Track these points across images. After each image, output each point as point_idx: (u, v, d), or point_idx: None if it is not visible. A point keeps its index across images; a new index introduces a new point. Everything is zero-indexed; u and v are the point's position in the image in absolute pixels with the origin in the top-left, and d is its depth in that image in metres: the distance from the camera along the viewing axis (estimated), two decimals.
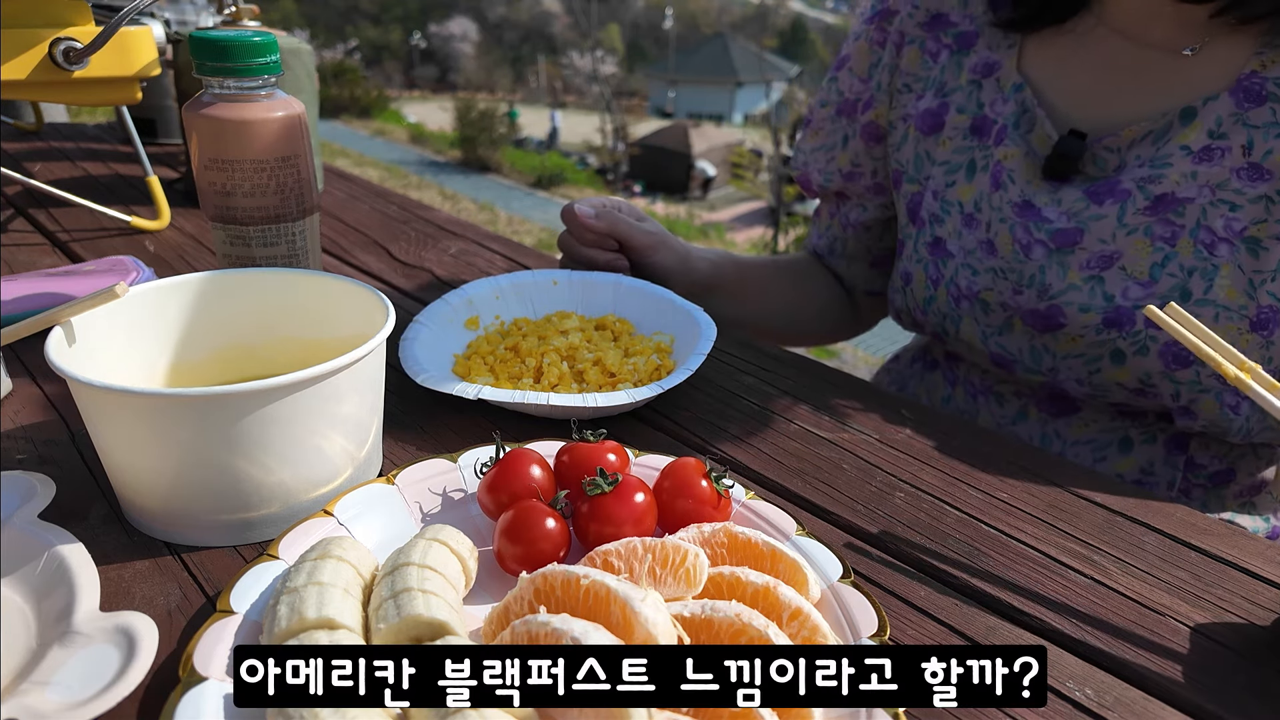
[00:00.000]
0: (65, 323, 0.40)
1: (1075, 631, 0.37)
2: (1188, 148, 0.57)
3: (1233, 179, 0.56)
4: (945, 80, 0.69)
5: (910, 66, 0.72)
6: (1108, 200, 0.59)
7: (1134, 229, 0.58)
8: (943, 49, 0.70)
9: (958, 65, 0.69)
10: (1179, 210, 0.57)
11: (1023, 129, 0.64)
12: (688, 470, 0.40)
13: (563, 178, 16.48)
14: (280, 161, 0.54)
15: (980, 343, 0.67)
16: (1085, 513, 0.46)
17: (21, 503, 0.37)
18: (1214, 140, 0.56)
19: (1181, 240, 0.57)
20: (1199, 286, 0.57)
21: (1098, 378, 0.62)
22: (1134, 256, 0.58)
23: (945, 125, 0.69)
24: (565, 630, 0.28)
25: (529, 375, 0.55)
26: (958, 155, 0.68)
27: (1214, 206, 0.56)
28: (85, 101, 0.73)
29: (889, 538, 0.43)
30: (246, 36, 0.52)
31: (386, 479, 0.42)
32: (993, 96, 0.66)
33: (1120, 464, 0.65)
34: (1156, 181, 0.58)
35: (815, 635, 0.32)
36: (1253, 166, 0.55)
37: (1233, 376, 0.38)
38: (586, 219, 0.67)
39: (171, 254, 0.77)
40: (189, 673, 0.30)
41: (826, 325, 0.86)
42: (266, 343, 0.49)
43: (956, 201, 0.67)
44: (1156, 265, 0.58)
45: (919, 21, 0.71)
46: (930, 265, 0.69)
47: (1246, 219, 0.55)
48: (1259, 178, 0.55)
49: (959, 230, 0.67)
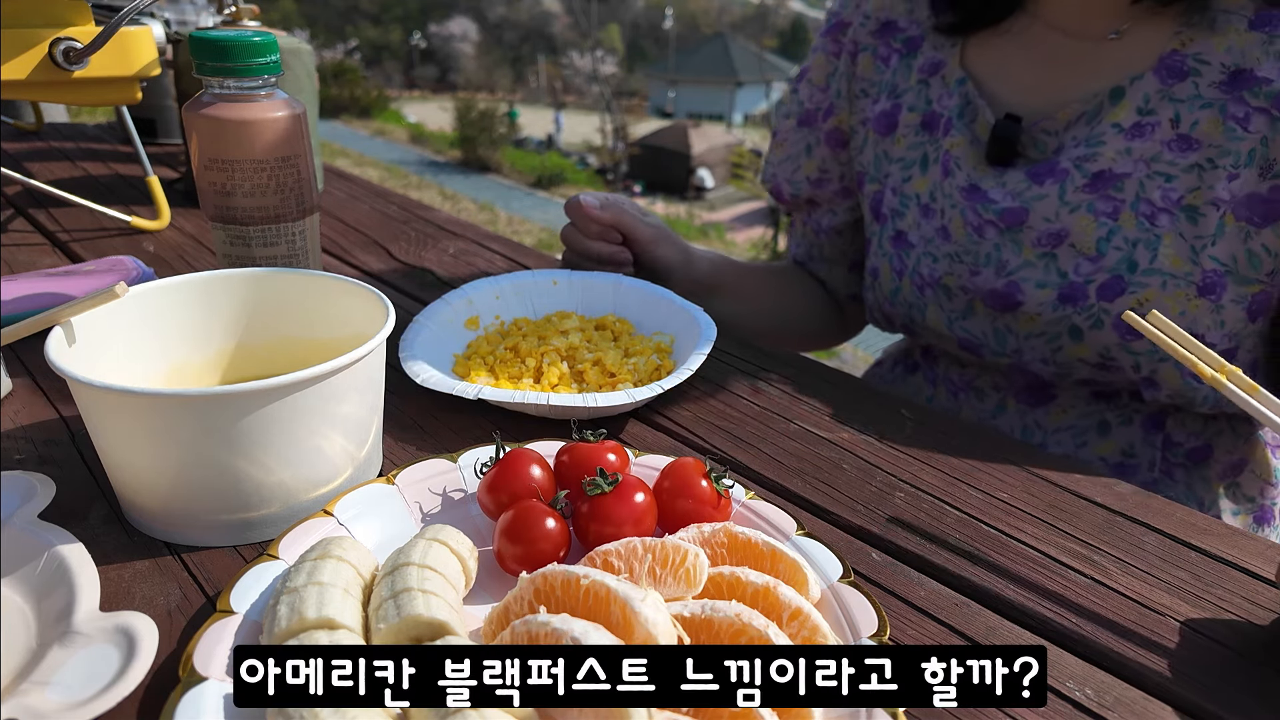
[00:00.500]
0: (65, 323, 0.40)
1: (1075, 631, 0.37)
2: (1119, 125, 0.60)
3: (1165, 151, 0.59)
4: (897, 83, 0.73)
5: (865, 73, 0.76)
6: (1048, 180, 0.62)
7: (1076, 206, 0.61)
8: (893, 53, 0.74)
9: (907, 68, 0.73)
10: (1118, 185, 0.60)
11: (966, 119, 0.67)
12: (688, 470, 0.40)
13: (563, 178, 16.48)
14: (280, 161, 0.54)
15: (946, 329, 0.69)
16: (1085, 513, 0.46)
17: (21, 503, 0.37)
18: (1143, 116, 0.59)
19: (1124, 214, 0.60)
20: (1144, 257, 0.59)
21: (1060, 355, 0.64)
22: (1080, 233, 0.61)
23: (899, 124, 0.73)
24: (565, 630, 0.28)
25: (529, 375, 0.55)
26: (911, 151, 0.72)
27: (1150, 179, 0.59)
28: (85, 101, 0.73)
29: (889, 538, 0.43)
30: (246, 36, 0.52)
31: (386, 479, 0.42)
32: (939, 92, 0.70)
33: (1100, 447, 0.67)
34: (1092, 159, 0.61)
35: (815, 635, 0.32)
36: (1181, 138, 0.58)
37: (1209, 377, 0.39)
38: (591, 210, 0.68)
39: (171, 254, 0.77)
40: (189, 673, 0.30)
41: (815, 329, 0.89)
42: (266, 343, 0.49)
43: (914, 194, 0.71)
44: (1102, 240, 0.60)
45: (870, 30, 0.75)
46: (894, 258, 0.72)
47: (1182, 188, 0.58)
48: (1188, 148, 0.58)
49: (918, 221, 0.70)
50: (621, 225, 0.69)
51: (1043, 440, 0.68)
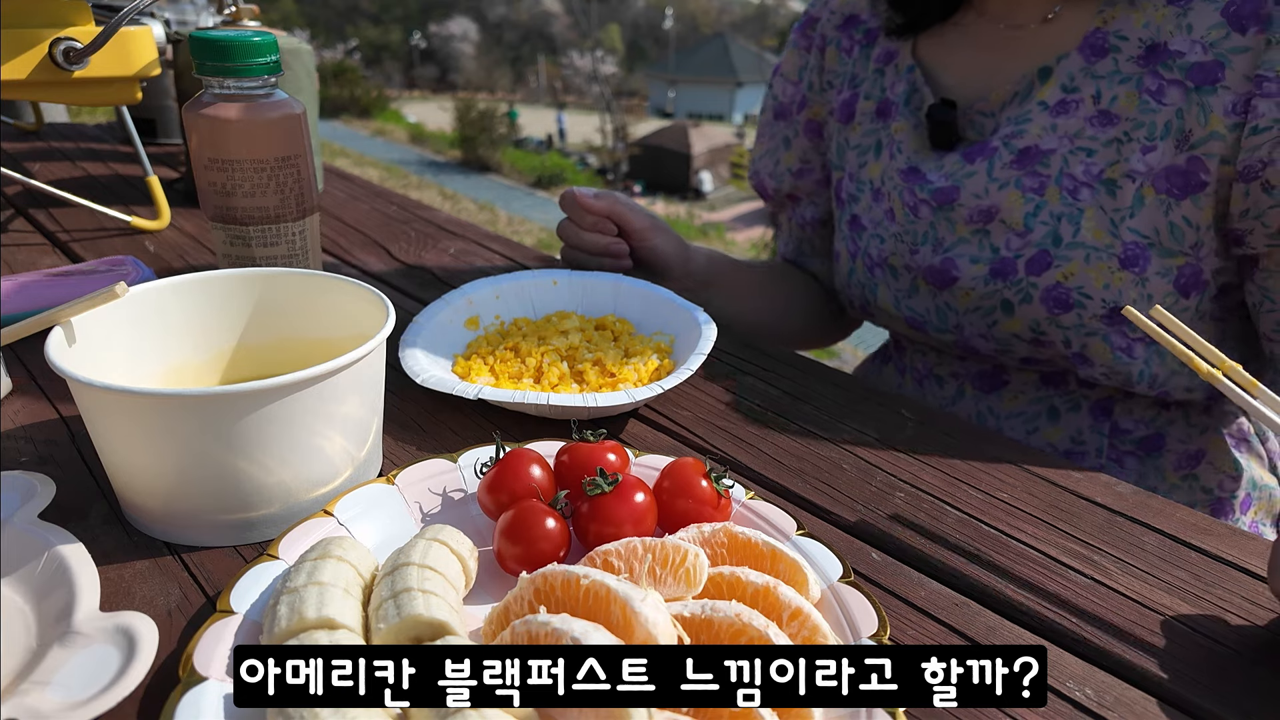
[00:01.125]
0: (65, 323, 0.40)
1: (1075, 631, 0.37)
2: (1044, 103, 0.62)
3: (1087, 127, 0.60)
4: (856, 72, 0.77)
5: (831, 65, 0.79)
6: (978, 159, 0.64)
7: (1005, 183, 0.63)
8: (854, 45, 0.77)
9: (866, 58, 0.76)
10: (1044, 161, 0.62)
11: (912, 105, 0.71)
12: (688, 470, 0.40)
13: (563, 178, 16.48)
14: (280, 161, 0.54)
15: (894, 308, 0.72)
16: (1085, 513, 0.46)
17: (21, 503, 0.37)
18: (1067, 94, 0.61)
19: (1049, 189, 0.61)
20: (1068, 231, 0.61)
21: (996, 330, 0.65)
22: (1009, 209, 0.63)
23: (856, 113, 0.76)
24: (565, 630, 0.28)
25: (529, 375, 0.55)
26: (866, 138, 0.75)
27: (1073, 155, 0.61)
28: (85, 101, 0.73)
29: (889, 538, 0.43)
30: (246, 36, 0.52)
31: (386, 479, 0.42)
32: (892, 80, 0.73)
33: (1050, 433, 0.69)
34: (1019, 136, 0.63)
35: (815, 635, 0.32)
36: (1102, 114, 0.60)
37: (1205, 372, 0.38)
38: (586, 200, 0.68)
39: (171, 254, 0.77)
40: (189, 673, 0.30)
41: (816, 325, 0.90)
42: (266, 343, 0.49)
43: (868, 180, 0.74)
44: (1030, 215, 0.62)
45: (835, 24, 0.79)
46: (849, 240, 0.76)
47: (1102, 162, 0.60)
48: (1109, 123, 0.60)
49: (870, 204, 0.73)
50: (616, 215, 0.70)
51: (997, 425, 0.71)
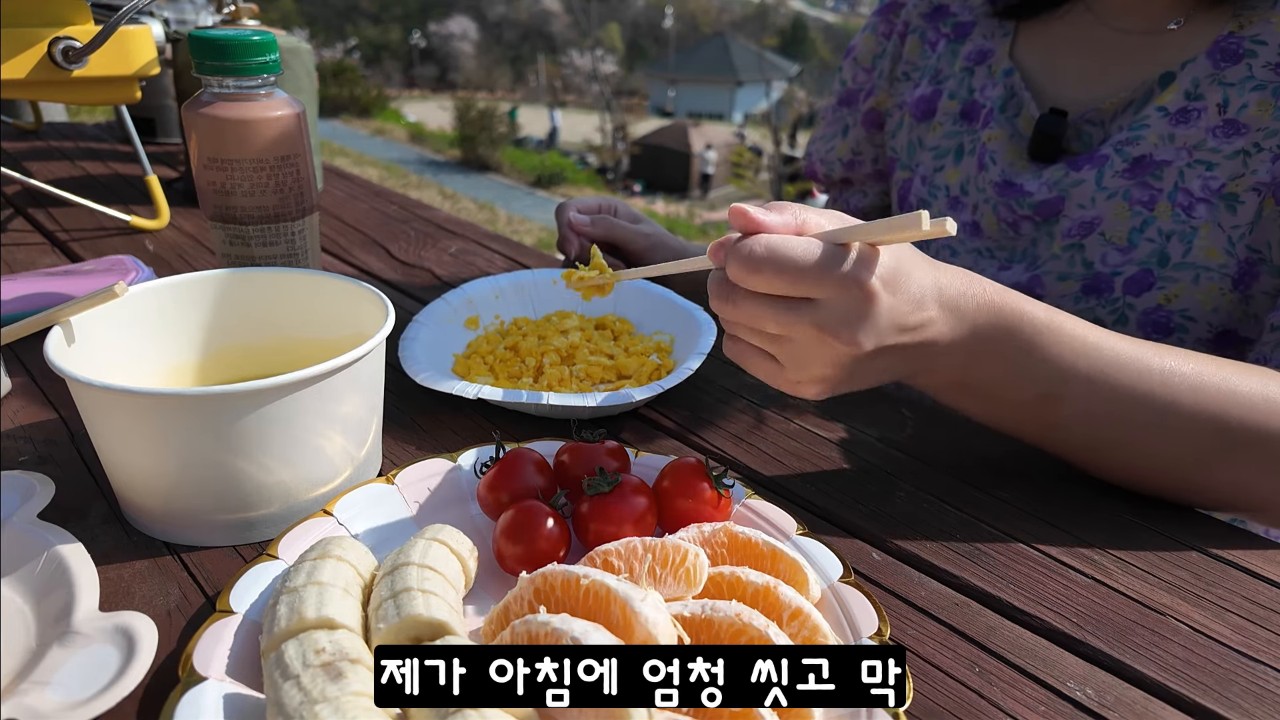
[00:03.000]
0: (65, 322, 0.40)
1: (1075, 631, 0.37)
2: (1164, 109, 0.57)
3: (1209, 139, 0.56)
4: (940, 68, 0.71)
5: (911, 55, 0.74)
6: (1085, 166, 0.60)
7: (1113, 193, 0.58)
8: (941, 38, 0.72)
9: (953, 53, 0.71)
10: (1157, 173, 0.57)
11: (1009, 112, 0.65)
12: (688, 470, 0.40)
13: (563, 177, 16.47)
14: (279, 161, 0.54)
15: None
16: (1085, 512, 0.46)
17: (21, 502, 0.37)
18: (1190, 101, 0.57)
19: (1160, 204, 0.57)
20: (1178, 250, 0.57)
21: None
22: (1113, 222, 0.59)
23: (937, 111, 0.70)
24: (565, 630, 0.28)
25: (529, 375, 0.55)
26: (947, 140, 0.70)
27: (1191, 168, 0.56)
28: (84, 101, 0.73)
29: (889, 538, 0.43)
30: (246, 36, 0.51)
31: (386, 479, 0.42)
32: (983, 82, 0.68)
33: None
34: (1134, 144, 0.58)
35: (815, 635, 0.32)
36: (1228, 123, 0.55)
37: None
38: (581, 228, 0.67)
39: (171, 254, 0.77)
40: (188, 673, 0.30)
41: None
42: (266, 343, 0.49)
43: (944, 185, 0.69)
44: (1135, 230, 0.58)
45: (922, 12, 0.73)
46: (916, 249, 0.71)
47: (1224, 175, 0.55)
48: (1235, 133, 0.55)
49: (944, 212, 0.68)
50: (613, 238, 0.69)
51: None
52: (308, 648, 0.29)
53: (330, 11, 37.73)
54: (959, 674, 0.35)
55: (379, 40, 36.13)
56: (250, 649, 0.32)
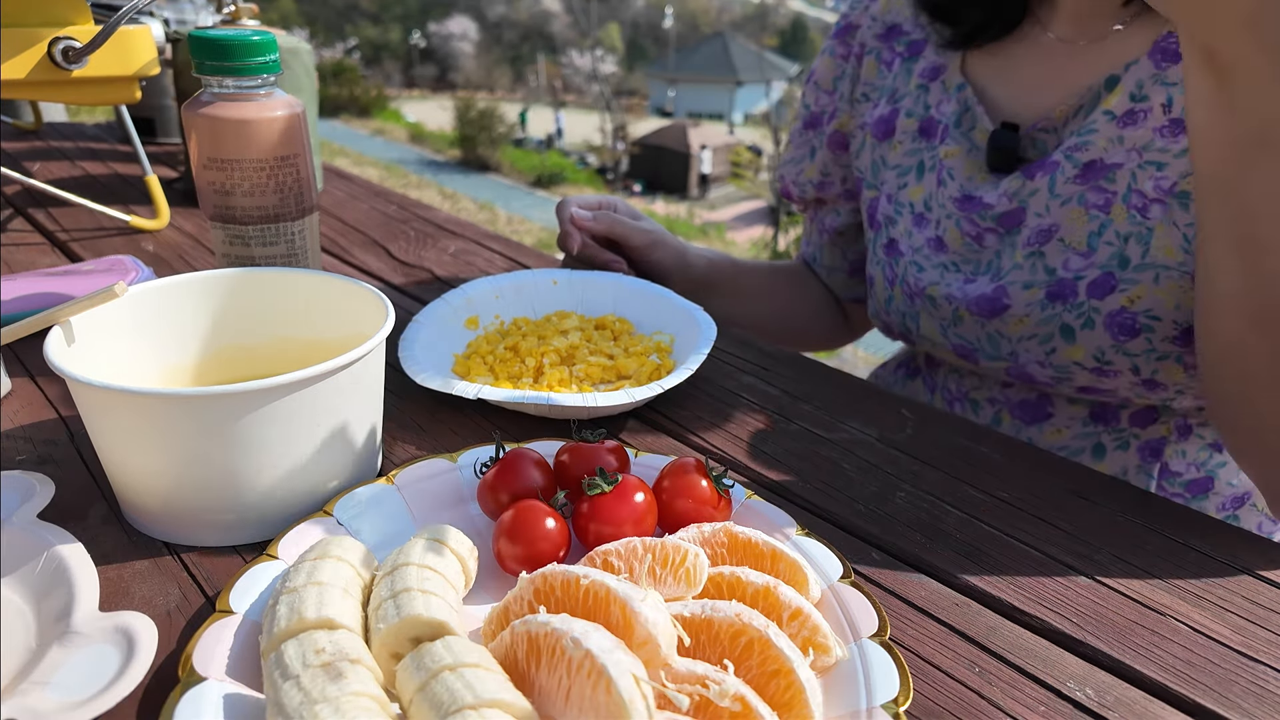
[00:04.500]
0: (65, 323, 0.40)
1: (1075, 631, 0.37)
2: (1111, 112, 0.58)
3: (1156, 138, 0.56)
4: (897, 87, 0.72)
5: (868, 76, 0.74)
6: (1038, 174, 0.60)
7: (1067, 199, 0.59)
8: (895, 57, 0.72)
9: (908, 71, 0.71)
10: (1109, 176, 0.58)
11: (964, 127, 0.65)
12: (688, 470, 0.40)
13: (562, 177, 16.48)
14: (279, 161, 0.54)
15: (941, 336, 0.68)
16: (1085, 513, 0.46)
17: (21, 503, 0.37)
18: (1135, 103, 0.57)
19: (1115, 207, 0.57)
20: (1136, 251, 0.57)
21: (1056, 358, 0.61)
22: (1071, 227, 0.59)
23: (896, 130, 0.71)
24: (565, 630, 0.28)
25: (529, 375, 0.55)
26: (908, 158, 0.70)
27: (1142, 169, 0.57)
28: (84, 101, 0.73)
29: (889, 538, 0.43)
30: (245, 36, 0.51)
31: (386, 479, 0.42)
32: (938, 98, 0.68)
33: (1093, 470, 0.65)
34: (1084, 149, 0.58)
35: (815, 635, 0.32)
36: (1174, 122, 0.55)
37: None
38: (583, 222, 0.67)
39: (171, 254, 0.77)
40: (188, 673, 0.30)
41: (820, 331, 0.88)
42: (266, 343, 0.49)
43: (908, 202, 0.69)
44: (1093, 234, 0.58)
45: (876, 33, 0.74)
46: (886, 266, 0.71)
47: (1175, 174, 0.55)
48: (1180, 132, 0.55)
49: (909, 230, 0.69)
50: (614, 234, 0.69)
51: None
52: (307, 648, 0.29)
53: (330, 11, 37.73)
54: (959, 674, 0.35)
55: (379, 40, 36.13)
56: (250, 649, 0.32)
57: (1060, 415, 0.66)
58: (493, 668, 0.28)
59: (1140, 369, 0.59)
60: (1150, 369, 0.59)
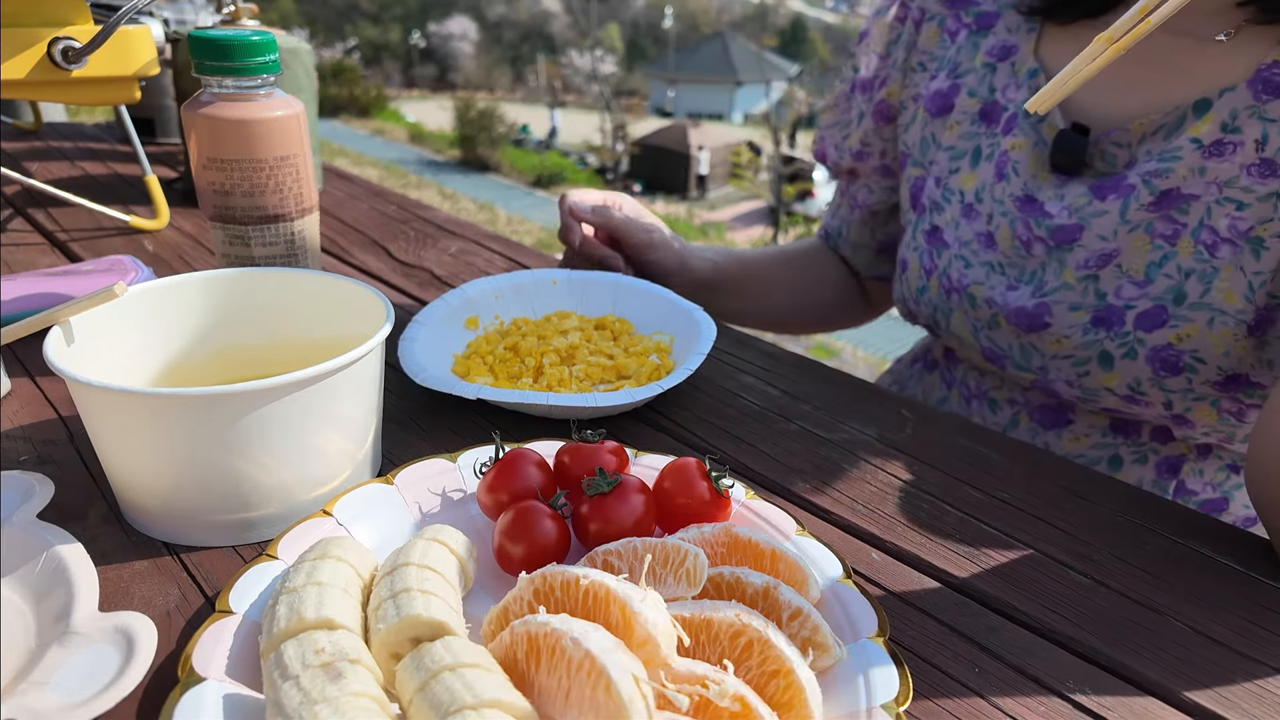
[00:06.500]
0: (64, 323, 0.40)
1: (1075, 631, 0.37)
2: (1198, 140, 0.54)
3: (1242, 176, 0.52)
4: (960, 61, 0.67)
5: (927, 44, 0.69)
6: (1110, 196, 0.56)
7: (1135, 225, 0.56)
8: (962, 28, 0.67)
9: (974, 46, 0.66)
10: (1183, 207, 0.54)
11: (1034, 118, 0.61)
12: (688, 470, 0.40)
13: (562, 177, 16.49)
14: (279, 161, 0.54)
15: (971, 337, 0.65)
16: (1085, 513, 0.46)
17: (21, 503, 0.37)
18: (1226, 134, 0.53)
19: (1182, 240, 0.55)
20: (1195, 290, 0.54)
21: (1087, 380, 0.60)
22: (1131, 254, 0.56)
23: (954, 108, 0.66)
24: (564, 630, 0.28)
25: (529, 375, 0.55)
26: (964, 141, 0.66)
27: (1219, 205, 0.53)
28: (84, 101, 0.73)
29: (889, 538, 0.43)
30: (245, 36, 0.51)
31: (386, 479, 0.42)
32: (1005, 82, 0.63)
33: None
34: (1163, 176, 0.55)
35: (815, 635, 0.32)
36: (1265, 163, 0.52)
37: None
38: (581, 214, 0.67)
39: (171, 254, 0.77)
40: (188, 673, 0.30)
41: (839, 313, 0.85)
42: (266, 343, 0.49)
43: (958, 189, 0.65)
44: (1153, 265, 0.55)
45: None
46: (925, 254, 0.68)
47: (1254, 218, 0.52)
48: (1271, 174, 0.52)
49: (957, 220, 0.65)
50: (611, 229, 0.69)
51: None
52: (307, 648, 0.29)
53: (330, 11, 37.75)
54: (959, 674, 0.35)
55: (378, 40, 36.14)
56: (250, 649, 0.32)
57: (1081, 423, 0.64)
58: (492, 668, 0.28)
59: (1173, 404, 0.57)
60: (1184, 406, 0.57)
